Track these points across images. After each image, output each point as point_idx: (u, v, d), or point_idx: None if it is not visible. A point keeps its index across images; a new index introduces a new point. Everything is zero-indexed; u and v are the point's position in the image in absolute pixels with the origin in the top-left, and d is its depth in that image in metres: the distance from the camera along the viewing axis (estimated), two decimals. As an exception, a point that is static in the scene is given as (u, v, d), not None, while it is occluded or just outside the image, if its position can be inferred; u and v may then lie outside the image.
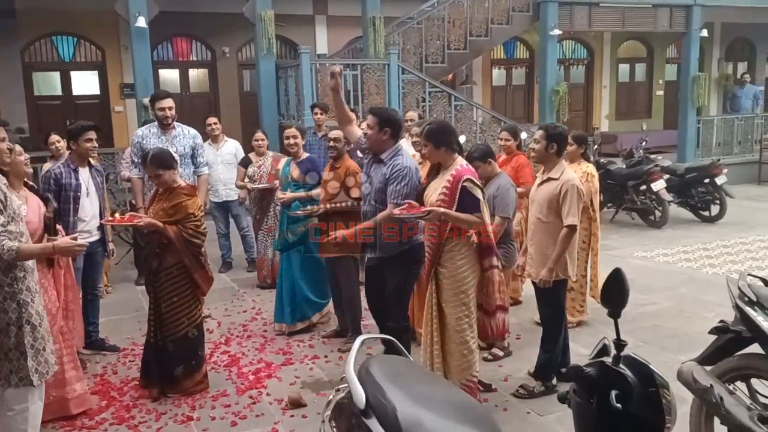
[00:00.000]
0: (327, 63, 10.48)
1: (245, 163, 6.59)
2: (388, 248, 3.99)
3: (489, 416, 2.27)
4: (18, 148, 3.77)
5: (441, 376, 3.54)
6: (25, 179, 3.93)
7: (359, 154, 4.77)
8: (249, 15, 10.00)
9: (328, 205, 4.79)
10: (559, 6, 11.77)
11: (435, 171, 3.79)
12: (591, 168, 5.24)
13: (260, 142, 6.50)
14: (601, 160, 9.81)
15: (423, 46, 11.40)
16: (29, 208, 3.72)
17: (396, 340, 2.84)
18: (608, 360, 2.13)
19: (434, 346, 3.72)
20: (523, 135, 5.06)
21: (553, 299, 4.01)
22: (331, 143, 4.83)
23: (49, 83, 12.36)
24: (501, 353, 4.68)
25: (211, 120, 7.02)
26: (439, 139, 3.65)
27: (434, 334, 3.71)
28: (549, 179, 3.99)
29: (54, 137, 5.95)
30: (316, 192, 5.10)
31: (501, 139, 5.47)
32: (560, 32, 11.92)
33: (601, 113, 16.30)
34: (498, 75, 15.60)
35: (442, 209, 3.52)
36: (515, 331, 4.88)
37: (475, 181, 3.60)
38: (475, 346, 3.74)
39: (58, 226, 3.95)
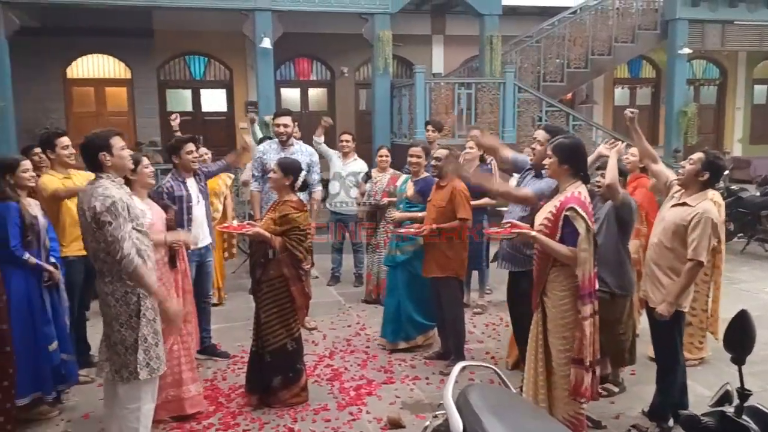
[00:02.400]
0: (441, 82, 10.52)
1: (366, 178, 6.72)
2: (516, 261, 3.94)
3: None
4: (145, 161, 4.03)
5: (544, 411, 3.36)
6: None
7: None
8: (368, 35, 10.25)
9: (434, 225, 4.74)
10: (689, 24, 11.17)
11: (554, 193, 3.62)
12: (717, 196, 4.84)
13: (383, 158, 6.59)
14: (732, 186, 9.13)
15: (541, 64, 11.19)
16: (154, 214, 3.97)
17: (498, 371, 2.72)
18: (730, 410, 1.93)
19: (539, 377, 3.54)
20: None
21: (667, 333, 3.73)
22: (433, 161, 4.81)
23: (180, 100, 13.26)
24: (615, 389, 4.40)
25: (345, 137, 7.17)
26: (566, 156, 3.43)
27: (539, 365, 3.53)
28: (684, 204, 3.70)
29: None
30: (423, 214, 5.07)
31: (630, 154, 5.18)
32: (690, 51, 11.28)
33: (734, 137, 15.22)
34: (621, 94, 14.98)
35: (533, 233, 3.37)
36: (630, 367, 4.58)
37: (580, 211, 3.28)
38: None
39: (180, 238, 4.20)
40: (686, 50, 11.08)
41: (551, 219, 3.37)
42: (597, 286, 3.41)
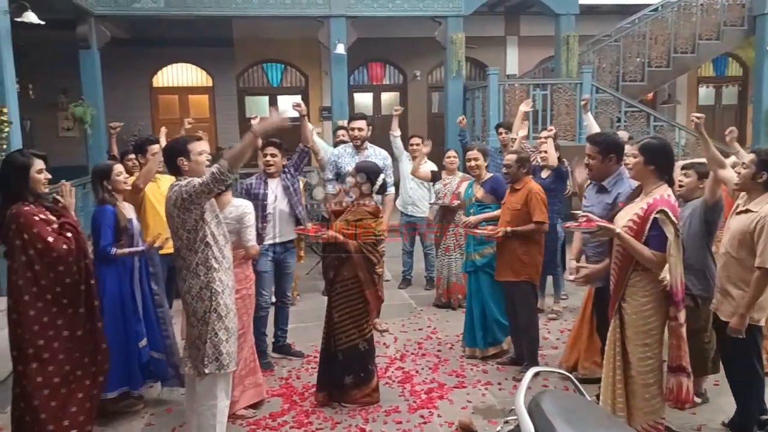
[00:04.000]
0: (516, 83, 10.38)
1: (435, 178, 6.72)
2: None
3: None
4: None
5: (621, 421, 3.25)
6: None
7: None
8: (440, 38, 10.25)
9: (508, 228, 4.68)
10: (780, 18, 10.54)
11: (635, 195, 3.51)
12: None
13: (452, 159, 6.58)
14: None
15: (620, 63, 10.86)
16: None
17: (573, 378, 2.66)
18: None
19: (617, 386, 3.44)
20: (730, 160, 4.53)
21: (740, 349, 3.55)
22: (504, 168, 4.79)
23: (259, 106, 13.63)
24: (697, 400, 4.22)
25: (415, 140, 7.21)
26: (653, 157, 3.33)
27: (617, 372, 3.43)
28: (747, 210, 3.53)
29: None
30: (498, 212, 5.01)
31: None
32: (780, 47, 10.65)
33: (830, 136, 14.24)
34: (705, 94, 14.33)
35: (618, 230, 3.27)
36: (713, 377, 4.37)
37: (671, 216, 3.18)
38: (660, 391, 3.39)
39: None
40: (777, 46, 10.49)
41: (637, 222, 3.25)
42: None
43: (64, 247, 3.31)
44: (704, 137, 3.86)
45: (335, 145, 6.88)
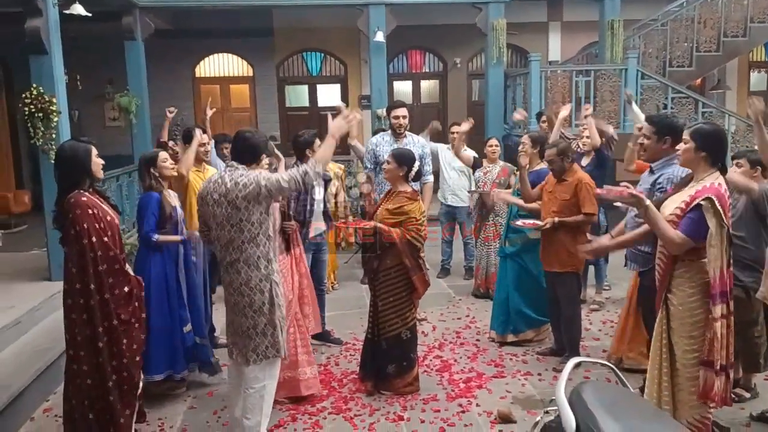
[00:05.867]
0: (558, 69, 10.19)
1: (476, 165, 6.65)
2: (639, 260, 3.80)
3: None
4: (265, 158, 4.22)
5: (665, 414, 3.16)
6: None
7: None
8: (481, 25, 10.11)
9: (556, 219, 4.60)
10: (839, -2, 10.08)
11: (685, 182, 3.39)
12: None
13: (493, 148, 6.50)
14: None
15: (667, 48, 10.55)
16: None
17: (616, 369, 2.60)
18: None
19: (663, 378, 3.34)
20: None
21: None
22: (545, 162, 4.71)
23: (298, 95, 13.71)
24: (747, 395, 4.10)
25: (455, 128, 7.16)
26: (705, 143, 3.18)
27: (663, 365, 3.33)
28: None
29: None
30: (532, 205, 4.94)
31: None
32: (840, 28, 10.18)
33: None
34: (757, 79, 13.84)
35: (647, 202, 3.11)
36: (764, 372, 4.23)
37: (717, 204, 3.01)
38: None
39: (292, 222, 4.44)
40: (835, 28, 10.03)
41: (683, 209, 3.12)
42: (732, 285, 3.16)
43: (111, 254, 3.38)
44: (759, 123, 3.71)
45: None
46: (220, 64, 13.25)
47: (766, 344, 3.95)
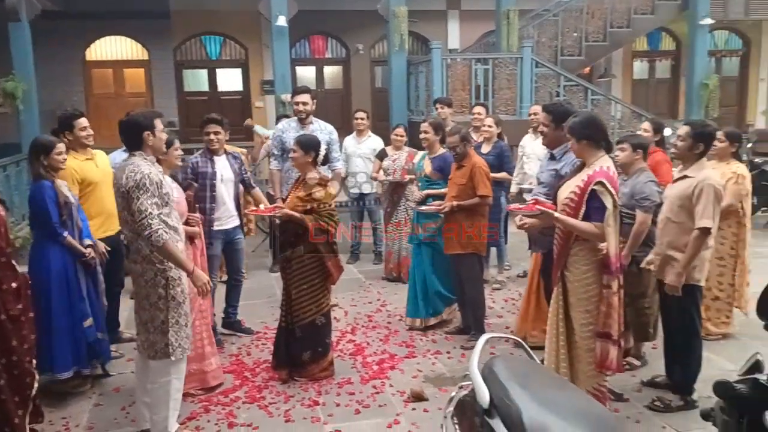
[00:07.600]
0: (458, 58, 10.44)
1: (381, 155, 6.70)
2: (543, 244, 3.96)
3: (621, 427, 2.15)
4: (176, 143, 4.08)
5: (570, 382, 3.39)
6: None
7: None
8: (383, 12, 10.18)
9: (454, 203, 4.76)
10: (711, -7, 10.94)
11: (579, 168, 3.60)
12: (742, 168, 4.80)
13: (398, 137, 6.59)
14: (756, 159, 9.00)
15: (559, 38, 11.07)
16: (178, 193, 4.03)
17: (524, 343, 2.75)
18: (763, 377, 1.95)
19: (560, 351, 3.56)
20: (667, 131, 4.70)
21: (681, 307, 3.74)
22: (447, 144, 4.87)
23: (197, 80, 13.31)
24: (637, 363, 4.43)
25: (359, 114, 7.17)
26: (582, 133, 3.41)
27: (560, 338, 3.55)
28: (685, 177, 3.73)
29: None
30: (445, 190, 5.07)
31: (642, 130, 5.14)
32: (712, 21, 11.04)
33: (757, 109, 14.95)
34: (640, 68, 14.78)
35: (556, 214, 3.35)
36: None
37: (608, 186, 3.25)
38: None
39: (197, 214, 4.30)
40: (708, 21, 10.84)
41: (577, 193, 3.33)
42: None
43: None
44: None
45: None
46: (112, 47, 12.62)
47: (655, 315, 4.28)
